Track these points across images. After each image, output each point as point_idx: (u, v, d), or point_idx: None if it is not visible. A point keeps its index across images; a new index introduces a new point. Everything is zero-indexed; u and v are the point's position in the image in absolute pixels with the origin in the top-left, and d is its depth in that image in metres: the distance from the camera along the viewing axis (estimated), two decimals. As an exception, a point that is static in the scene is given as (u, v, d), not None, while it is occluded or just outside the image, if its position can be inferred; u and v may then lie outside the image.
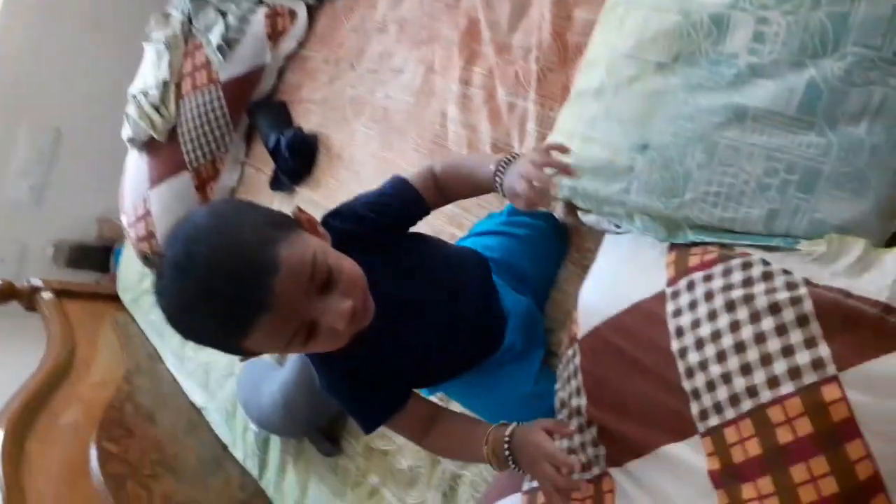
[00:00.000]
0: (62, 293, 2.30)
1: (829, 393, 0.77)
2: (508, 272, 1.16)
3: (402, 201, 1.00)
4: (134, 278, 2.45)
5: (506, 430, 0.94)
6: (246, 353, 0.80)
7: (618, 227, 1.08)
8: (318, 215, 1.76)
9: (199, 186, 2.14)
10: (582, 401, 1.01)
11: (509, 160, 0.97)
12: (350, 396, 0.99)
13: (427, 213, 1.03)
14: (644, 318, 0.96)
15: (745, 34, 0.92)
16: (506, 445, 0.93)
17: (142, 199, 2.20)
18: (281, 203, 1.96)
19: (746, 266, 0.88)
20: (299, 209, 0.86)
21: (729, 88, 0.94)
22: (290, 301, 0.73)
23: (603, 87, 1.07)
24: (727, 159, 0.93)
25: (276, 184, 1.96)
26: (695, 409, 0.87)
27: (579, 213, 1.16)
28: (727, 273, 0.89)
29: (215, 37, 2.09)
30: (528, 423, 0.95)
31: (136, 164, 2.27)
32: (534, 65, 1.38)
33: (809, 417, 0.78)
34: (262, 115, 2.04)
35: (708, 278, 0.91)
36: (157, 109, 2.18)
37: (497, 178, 0.97)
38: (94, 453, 1.62)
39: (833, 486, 0.75)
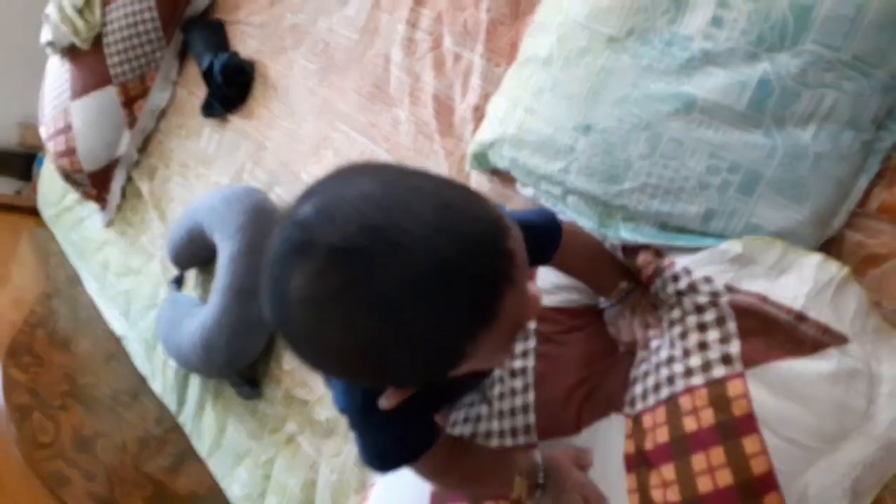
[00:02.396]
0: (-27, 204, 2.13)
1: (734, 388, 0.78)
2: None
3: (547, 240, 0.84)
4: (56, 194, 2.29)
5: (536, 457, 0.86)
6: (458, 366, 0.57)
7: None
8: (250, 146, 1.68)
9: (125, 103, 1.98)
10: (529, 362, 0.98)
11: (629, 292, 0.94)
12: (385, 424, 0.73)
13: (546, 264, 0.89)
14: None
15: (704, 16, 0.86)
16: (541, 473, 0.84)
17: (62, 110, 2.02)
18: (212, 130, 1.83)
19: (675, 279, 0.87)
20: None
21: (680, 74, 0.89)
22: (523, 271, 0.56)
23: (552, 57, 1.00)
24: (670, 152, 0.88)
25: (207, 109, 1.83)
26: (628, 394, 0.87)
27: (518, 185, 1.10)
28: (663, 287, 0.88)
29: (147, -60, 1.88)
30: (552, 451, 0.87)
31: (56, 72, 2.07)
32: (484, 14, 1.28)
33: (713, 409, 0.78)
34: (197, 34, 1.88)
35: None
36: (80, 13, 1.98)
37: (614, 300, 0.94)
38: None
39: (729, 477, 0.76)
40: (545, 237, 0.83)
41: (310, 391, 1.40)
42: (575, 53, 0.97)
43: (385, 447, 0.76)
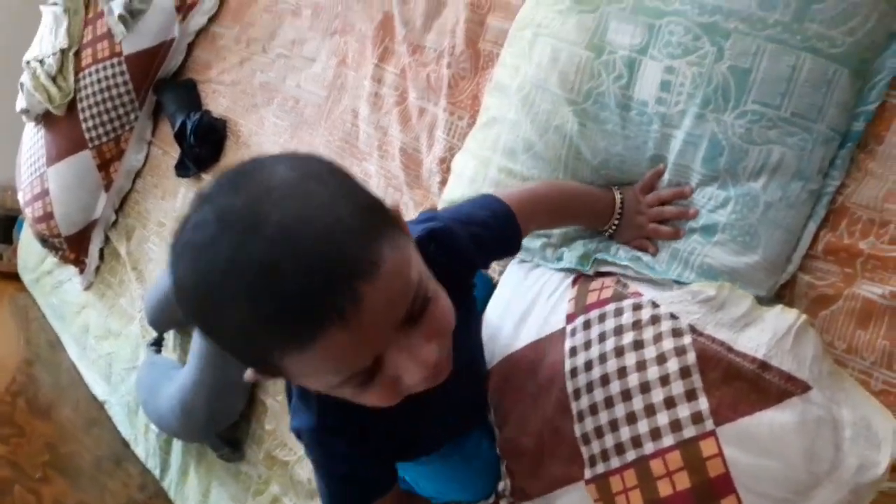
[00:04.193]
0: (-48, 271, 2.12)
1: (707, 448, 0.77)
2: None
3: (504, 242, 0.82)
4: (35, 258, 2.28)
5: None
6: (266, 372, 0.57)
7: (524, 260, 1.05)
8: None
9: (101, 166, 1.98)
10: (498, 435, 0.98)
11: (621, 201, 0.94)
12: (340, 465, 0.71)
13: (513, 255, 0.88)
14: (543, 355, 0.94)
15: (654, 82, 0.88)
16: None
17: (38, 176, 2.02)
18: (188, 189, 1.84)
19: (637, 308, 0.86)
20: (396, 206, 0.60)
21: (646, 138, 0.92)
22: (379, 318, 0.52)
23: (520, 119, 1.01)
24: None
25: (181, 169, 1.83)
26: (585, 453, 0.86)
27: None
28: (618, 313, 0.87)
29: (117, 5, 1.90)
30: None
31: (32, 139, 2.08)
32: (445, 70, 1.30)
33: (688, 472, 0.78)
34: (169, 94, 1.89)
35: (602, 318, 0.89)
36: (53, 80, 1.99)
37: (615, 221, 0.94)
38: (-21, 456, 1.50)
39: None
40: (507, 248, 0.84)
41: (290, 451, 1.38)
42: (543, 116, 0.98)
43: (338, 486, 0.71)
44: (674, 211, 0.90)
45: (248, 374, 0.60)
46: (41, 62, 2.02)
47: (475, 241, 0.75)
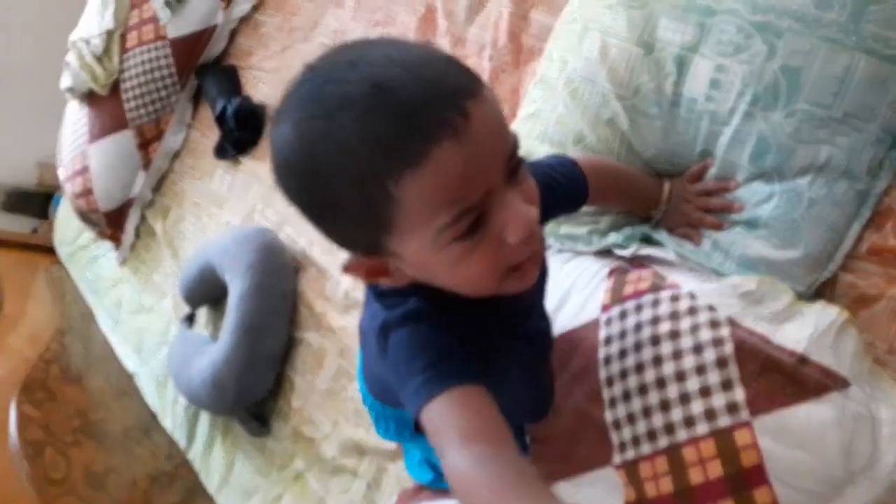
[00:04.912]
0: (-8, 241, 2.15)
1: (742, 438, 0.76)
2: None
3: (572, 187, 0.80)
4: (72, 233, 2.30)
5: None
6: (381, 228, 0.55)
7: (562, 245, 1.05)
8: (262, 187, 1.70)
9: (141, 146, 2.00)
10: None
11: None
12: (431, 351, 0.60)
13: (576, 210, 0.86)
14: (578, 345, 0.93)
15: (704, 80, 0.88)
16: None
17: (80, 152, 2.04)
18: (224, 172, 1.85)
19: (675, 298, 0.86)
20: None
21: (696, 135, 0.91)
22: (487, 137, 0.52)
23: (569, 112, 1.00)
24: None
25: (220, 152, 1.85)
26: (615, 439, 0.85)
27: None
28: (656, 304, 0.87)
29: (164, -10, 1.93)
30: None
31: (75, 116, 2.10)
32: (487, 63, 1.30)
33: (721, 460, 0.77)
34: (211, 78, 1.91)
35: (638, 308, 0.88)
36: (99, 60, 2.02)
37: (662, 207, 0.95)
38: (13, 417, 1.52)
39: None
40: (575, 195, 0.82)
41: (316, 428, 1.39)
42: (593, 110, 0.98)
43: (436, 362, 0.59)
44: (719, 202, 0.90)
45: (349, 262, 0.60)
46: (87, 42, 2.04)
47: (545, 182, 0.70)
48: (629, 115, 0.95)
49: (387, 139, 0.50)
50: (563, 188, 0.79)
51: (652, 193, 0.96)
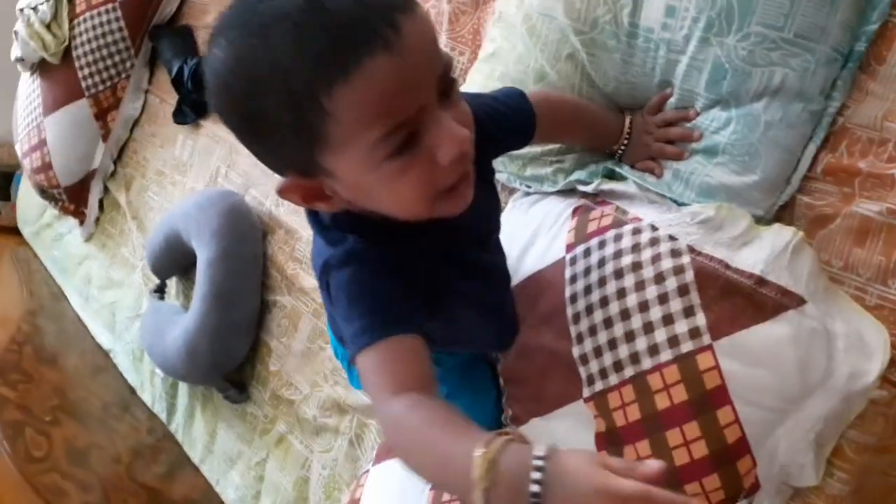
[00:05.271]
0: (-47, 226, 2.15)
1: (704, 361, 0.81)
2: None
3: (517, 120, 0.82)
4: (34, 211, 2.31)
5: (534, 450, 0.47)
6: (315, 144, 0.57)
7: (528, 187, 1.07)
8: (224, 150, 1.70)
9: (98, 115, 2.00)
10: (499, 364, 1.03)
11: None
12: (370, 294, 0.63)
13: (525, 144, 0.88)
14: (545, 285, 0.97)
15: (659, 8, 0.90)
16: (537, 474, 0.46)
17: (35, 126, 2.04)
18: (186, 136, 1.85)
19: (636, 231, 0.89)
20: None
21: (654, 65, 0.93)
22: (414, 61, 0.55)
23: (528, 49, 1.02)
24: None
25: (179, 116, 1.84)
26: (583, 373, 0.89)
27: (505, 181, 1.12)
28: (618, 239, 0.90)
29: (110, -50, 1.90)
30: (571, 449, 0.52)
31: (28, 89, 2.09)
32: (446, 5, 1.31)
33: (685, 385, 0.81)
34: (166, 41, 1.90)
35: (602, 244, 0.91)
36: (48, 28, 1.99)
37: (623, 141, 0.96)
38: (-11, 400, 1.55)
39: (704, 449, 0.80)
40: (523, 125, 0.84)
41: (296, 390, 1.42)
42: (552, 47, 0.99)
43: (367, 311, 0.62)
44: (679, 132, 0.92)
45: (282, 183, 0.62)
46: (35, 9, 2.01)
47: (487, 112, 0.76)
48: (588, 49, 0.96)
49: (319, 52, 0.52)
50: (508, 119, 0.81)
51: (613, 127, 0.98)
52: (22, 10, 2.05)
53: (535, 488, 0.46)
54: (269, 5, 0.54)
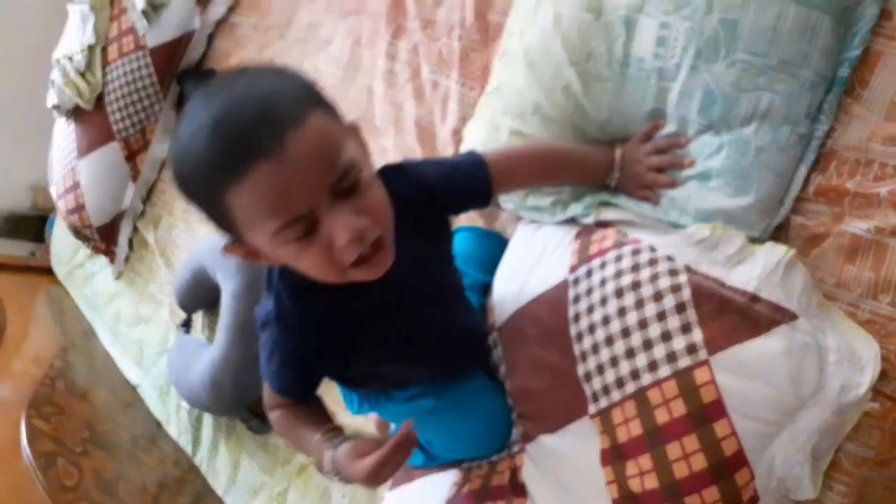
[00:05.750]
0: (-9, 266, 2.30)
1: (700, 376, 0.86)
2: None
3: (471, 185, 0.93)
4: (67, 252, 2.45)
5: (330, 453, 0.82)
6: (232, 225, 0.71)
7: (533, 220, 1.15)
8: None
9: (128, 157, 2.14)
10: (507, 385, 1.09)
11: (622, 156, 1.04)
12: (276, 358, 0.87)
13: (486, 205, 0.97)
14: (549, 306, 1.03)
15: (650, 38, 0.97)
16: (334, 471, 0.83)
17: (70, 169, 2.19)
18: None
19: (636, 252, 0.95)
20: (358, 126, 0.79)
21: (646, 93, 1.01)
22: (305, 167, 0.66)
23: (527, 83, 1.11)
24: None
25: (206, 156, 1.97)
26: (587, 390, 0.95)
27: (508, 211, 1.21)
28: (619, 259, 0.96)
29: (140, 1, 2.06)
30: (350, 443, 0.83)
31: (63, 134, 2.25)
32: (456, 43, 1.41)
33: (683, 399, 0.86)
34: (192, 84, 2.04)
35: (603, 265, 0.98)
36: (82, 76, 2.16)
37: (615, 174, 1.04)
38: (24, 431, 1.66)
39: (703, 461, 0.84)
40: (475, 192, 0.94)
41: (317, 419, 1.50)
42: (548, 79, 1.08)
43: (274, 372, 0.89)
44: (670, 160, 0.99)
45: (224, 246, 0.77)
46: (70, 59, 2.18)
47: (438, 176, 0.90)
48: (582, 79, 1.04)
49: (220, 157, 0.66)
50: (460, 185, 0.93)
51: (601, 164, 1.05)
52: (58, 60, 2.22)
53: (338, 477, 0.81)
54: (202, 110, 0.68)
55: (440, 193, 0.90)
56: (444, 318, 1.01)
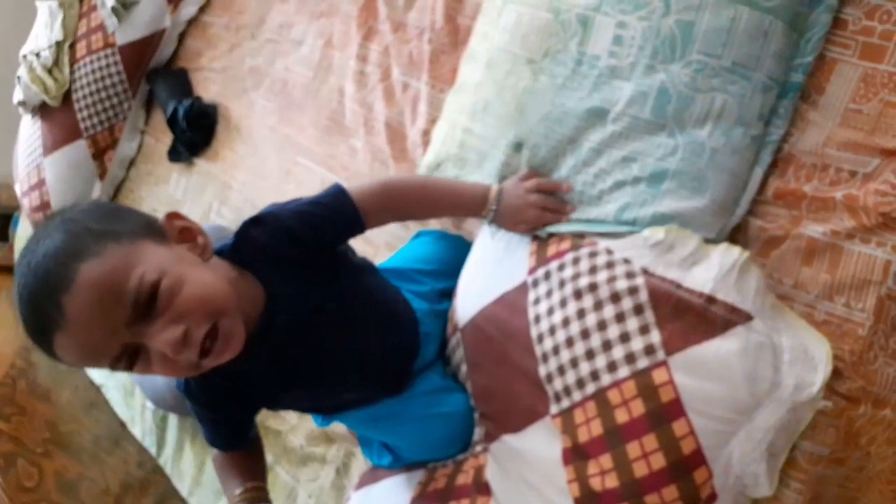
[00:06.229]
0: (-48, 265, 2.24)
1: (659, 376, 0.86)
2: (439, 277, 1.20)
3: (336, 217, 0.94)
4: (31, 249, 2.40)
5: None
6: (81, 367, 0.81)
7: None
8: (216, 186, 1.79)
9: (95, 155, 2.11)
10: (469, 385, 1.09)
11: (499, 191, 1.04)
12: (200, 418, 0.99)
13: (361, 232, 0.97)
14: (510, 308, 1.03)
15: (607, 37, 0.97)
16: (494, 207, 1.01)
17: (35, 166, 2.15)
18: (180, 174, 1.95)
19: (593, 255, 0.95)
20: (170, 215, 0.82)
21: (592, 90, 0.99)
22: (90, 325, 0.69)
23: (483, 81, 1.11)
24: (590, 161, 0.99)
25: (173, 154, 1.95)
26: (550, 391, 0.95)
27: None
28: (576, 262, 0.96)
29: (110, -2, 2.03)
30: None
31: (29, 130, 2.21)
32: (427, 45, 1.41)
33: (642, 399, 0.86)
34: (161, 82, 2.01)
35: (561, 267, 0.98)
36: (49, 72, 2.12)
37: (491, 207, 1.03)
38: (-18, 433, 1.62)
39: (662, 460, 0.85)
40: (345, 222, 0.94)
41: (282, 421, 1.48)
42: (501, 76, 1.08)
43: (202, 424, 1.00)
44: (554, 202, 1.01)
45: None
46: (37, 55, 2.14)
47: (296, 216, 0.90)
48: (534, 76, 1.04)
49: (32, 333, 0.72)
50: (324, 220, 0.92)
51: (476, 198, 1.05)
52: (25, 56, 2.18)
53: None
54: (15, 279, 0.73)
55: (301, 232, 0.89)
56: (357, 344, 1.00)
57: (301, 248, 0.90)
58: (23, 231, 2.46)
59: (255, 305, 0.86)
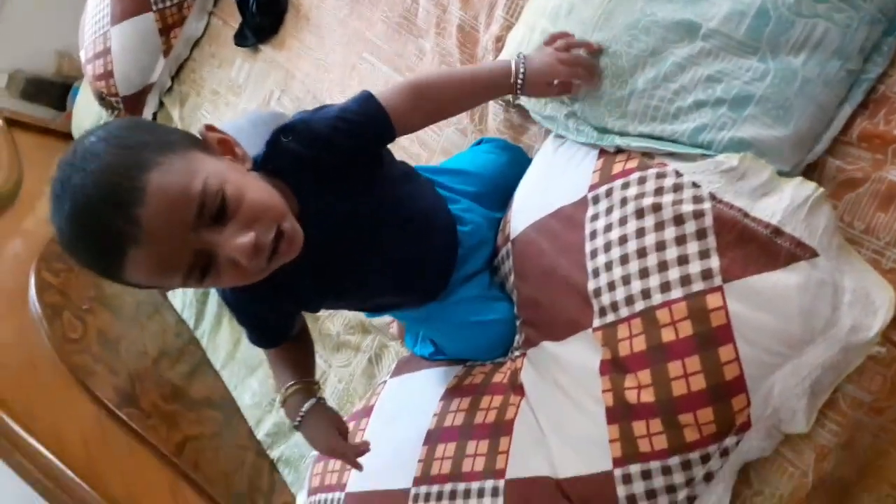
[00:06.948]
0: (13, 122, 2.27)
1: (713, 301, 0.85)
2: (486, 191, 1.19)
3: (368, 123, 0.91)
4: (90, 119, 2.41)
5: (302, 407, 0.96)
6: (143, 287, 0.77)
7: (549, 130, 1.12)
8: (280, 75, 1.78)
9: (162, 30, 2.09)
10: (514, 295, 1.09)
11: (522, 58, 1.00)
12: (244, 315, 0.99)
13: (393, 138, 0.95)
14: (566, 221, 1.02)
15: (708, -52, 0.92)
16: (298, 419, 0.96)
17: (102, 34, 2.14)
18: (244, 60, 1.94)
19: (660, 176, 0.93)
20: (207, 128, 0.80)
21: (687, 2, 0.94)
22: (166, 234, 0.69)
23: None
24: (672, 76, 0.95)
25: (240, 38, 1.93)
26: (595, 305, 0.95)
27: (532, 114, 1.18)
28: (642, 181, 0.94)
29: None
30: (326, 413, 0.98)
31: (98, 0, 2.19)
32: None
33: (692, 321, 0.86)
34: (234, -37, 1.97)
35: (625, 186, 0.96)
36: (124, -58, 2.09)
37: (519, 75, 0.99)
38: (32, 281, 1.67)
39: (702, 382, 0.84)
40: (376, 126, 0.92)
41: (321, 307, 1.51)
42: None
43: (246, 328, 1.01)
44: (577, 41, 1.00)
45: None
46: (112, -78, 2.11)
47: (332, 125, 0.88)
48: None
49: (97, 256, 0.71)
50: (357, 125, 0.90)
51: (504, 72, 1.01)
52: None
53: (296, 421, 0.96)
54: (57, 214, 0.70)
55: (336, 139, 0.88)
56: (390, 254, 1.00)
57: (335, 156, 0.88)
58: (82, 100, 2.47)
59: None
